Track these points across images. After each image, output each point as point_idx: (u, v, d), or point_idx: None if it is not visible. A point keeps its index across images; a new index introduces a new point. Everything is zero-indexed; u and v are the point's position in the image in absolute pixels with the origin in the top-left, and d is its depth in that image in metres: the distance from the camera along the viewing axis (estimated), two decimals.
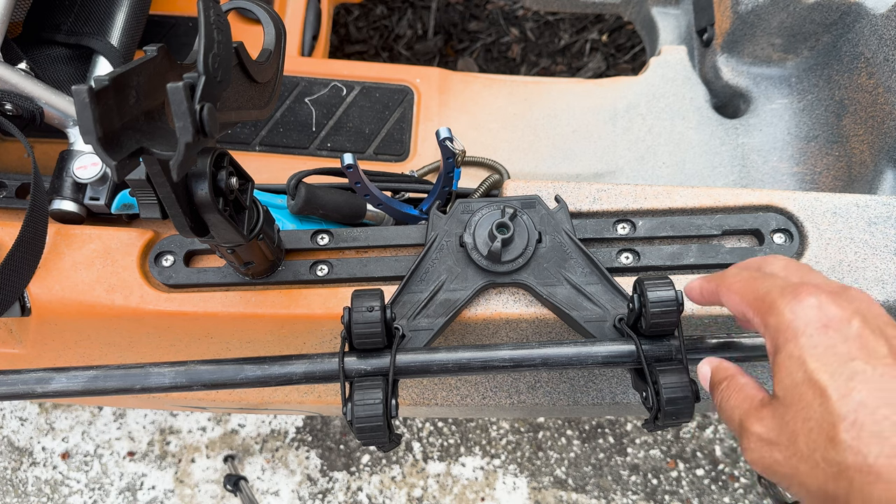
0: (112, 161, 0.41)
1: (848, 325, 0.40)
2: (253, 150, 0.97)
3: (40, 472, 1.64)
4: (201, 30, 0.45)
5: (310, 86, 1.02)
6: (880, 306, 0.43)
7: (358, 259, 0.73)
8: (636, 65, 1.93)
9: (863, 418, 0.36)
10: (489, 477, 1.65)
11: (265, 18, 0.62)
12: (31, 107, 0.77)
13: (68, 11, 0.87)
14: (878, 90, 0.93)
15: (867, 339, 0.39)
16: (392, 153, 0.98)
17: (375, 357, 0.59)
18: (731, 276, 0.49)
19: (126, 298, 0.71)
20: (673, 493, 1.64)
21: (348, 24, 1.99)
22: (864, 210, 0.73)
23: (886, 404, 0.36)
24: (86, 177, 0.78)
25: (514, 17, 2.01)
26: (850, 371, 0.38)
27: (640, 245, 0.74)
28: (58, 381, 0.56)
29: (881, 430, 0.35)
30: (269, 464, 1.66)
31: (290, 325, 0.73)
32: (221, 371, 0.57)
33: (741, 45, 1.08)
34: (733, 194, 0.75)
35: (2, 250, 0.71)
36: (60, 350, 0.79)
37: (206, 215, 0.53)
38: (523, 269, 0.69)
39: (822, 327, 0.40)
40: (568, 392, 0.83)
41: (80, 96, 0.38)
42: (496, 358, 0.59)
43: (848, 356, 0.39)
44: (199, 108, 0.43)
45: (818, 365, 0.39)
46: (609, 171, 1.02)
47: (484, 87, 1.06)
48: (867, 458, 0.35)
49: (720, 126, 1.07)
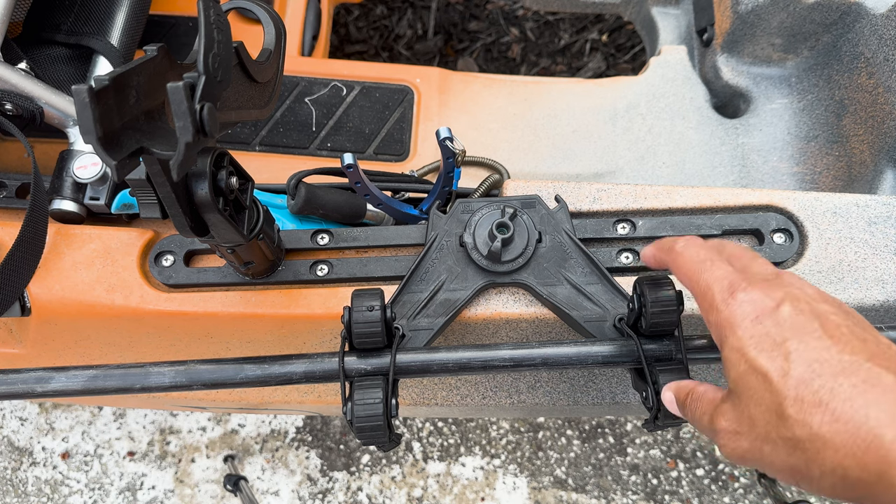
0: (112, 161, 0.41)
1: (779, 311, 0.43)
2: (253, 150, 0.97)
3: (40, 472, 1.64)
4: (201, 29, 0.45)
5: (310, 86, 1.02)
6: (812, 286, 0.46)
7: (358, 259, 0.73)
8: (636, 65, 1.93)
9: (803, 392, 0.39)
10: (489, 477, 1.65)
11: (265, 18, 0.62)
12: (31, 107, 0.77)
13: (68, 11, 0.87)
14: (878, 90, 0.93)
15: (798, 320, 0.42)
16: (392, 153, 0.98)
17: (375, 357, 0.59)
18: (680, 256, 0.52)
19: (126, 298, 0.71)
20: (673, 493, 1.64)
21: (348, 24, 1.99)
22: (864, 210, 0.73)
23: (821, 374, 0.39)
24: (86, 176, 0.78)
25: (514, 17, 2.01)
26: (785, 351, 0.41)
27: (640, 245, 0.74)
28: (57, 380, 0.56)
29: (820, 399, 0.38)
30: (269, 464, 1.66)
31: (290, 325, 0.73)
32: (221, 371, 0.57)
33: (741, 45, 1.08)
34: (733, 194, 0.75)
35: (2, 250, 0.71)
36: (60, 350, 0.79)
37: (206, 215, 0.53)
38: (523, 269, 0.69)
39: (756, 318, 0.43)
40: (568, 392, 0.83)
41: (80, 96, 0.38)
42: (496, 358, 0.59)
43: (782, 338, 0.41)
44: (199, 107, 0.43)
45: (756, 352, 0.42)
46: (609, 171, 1.02)
47: (484, 87, 1.06)
48: (812, 428, 0.38)
49: (720, 126, 1.07)
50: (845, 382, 0.38)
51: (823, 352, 0.40)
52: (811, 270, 0.71)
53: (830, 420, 0.37)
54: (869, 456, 0.35)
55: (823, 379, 0.38)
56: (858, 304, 0.70)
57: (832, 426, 0.37)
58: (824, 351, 0.40)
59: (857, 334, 0.41)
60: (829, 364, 0.39)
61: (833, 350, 0.40)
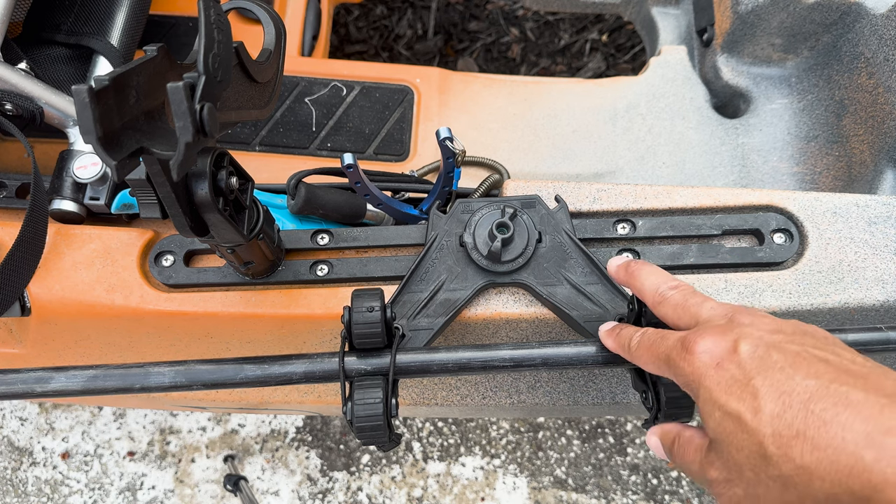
0: (112, 161, 0.41)
1: (737, 353, 0.43)
2: (253, 150, 0.97)
3: (40, 471, 1.64)
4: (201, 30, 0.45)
5: (310, 86, 1.02)
6: (764, 316, 0.46)
7: (358, 259, 0.73)
8: (636, 65, 1.93)
9: (778, 426, 0.38)
10: (489, 477, 1.65)
11: (265, 18, 0.62)
12: (31, 107, 0.77)
13: (68, 11, 0.87)
14: (878, 90, 0.93)
15: (757, 356, 0.42)
16: (392, 153, 0.98)
17: (375, 357, 0.59)
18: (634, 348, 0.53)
19: (126, 298, 0.71)
20: (673, 493, 1.64)
21: (348, 24, 1.99)
22: (864, 210, 0.73)
23: (791, 405, 0.38)
24: (86, 176, 0.78)
25: (514, 17, 2.01)
26: (752, 390, 0.41)
27: (640, 245, 0.74)
28: (57, 380, 0.56)
29: (796, 430, 0.37)
30: (269, 464, 1.66)
31: (290, 325, 0.73)
32: (221, 371, 0.57)
33: (741, 45, 1.08)
34: (733, 194, 0.75)
35: (2, 250, 0.71)
36: (60, 350, 0.79)
37: (206, 215, 0.53)
38: (523, 269, 0.69)
39: (717, 366, 0.43)
40: (568, 392, 0.83)
41: (80, 96, 0.38)
42: (496, 358, 0.59)
43: (746, 378, 0.41)
44: (199, 107, 0.43)
45: (726, 397, 0.42)
46: (609, 171, 1.02)
47: (484, 87, 1.06)
48: (796, 461, 0.37)
49: (720, 126, 1.07)
50: (816, 408, 0.37)
51: (789, 382, 0.40)
52: (811, 270, 0.71)
53: (811, 449, 0.36)
54: (854, 480, 0.35)
55: (795, 409, 0.38)
56: (859, 304, 0.70)
57: (814, 455, 0.36)
58: (789, 381, 0.40)
59: (818, 356, 0.41)
60: (797, 393, 0.39)
61: (797, 378, 0.40)
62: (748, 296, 0.70)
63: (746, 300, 0.70)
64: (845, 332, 0.56)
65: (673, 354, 0.47)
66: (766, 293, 0.70)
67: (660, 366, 0.49)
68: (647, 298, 0.55)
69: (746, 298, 0.70)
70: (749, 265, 0.73)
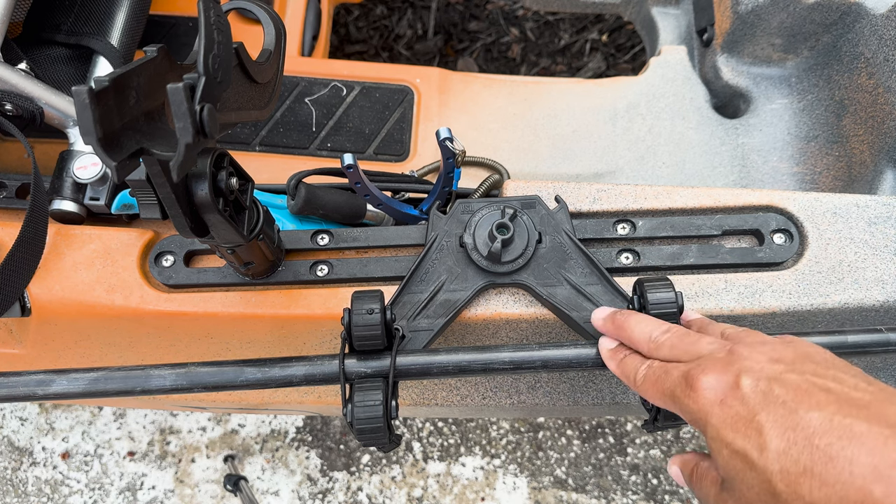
0: (112, 162, 0.41)
1: (739, 388, 0.43)
2: (253, 150, 0.97)
3: (40, 472, 1.64)
4: (201, 30, 0.45)
5: (310, 86, 1.02)
6: (765, 345, 0.47)
7: (358, 259, 0.73)
8: (636, 65, 1.93)
9: (785, 463, 0.38)
10: (489, 477, 1.65)
11: (265, 18, 0.62)
12: (31, 107, 0.77)
13: (68, 11, 0.87)
14: (878, 90, 0.93)
15: (759, 390, 0.42)
16: (392, 153, 0.98)
17: (375, 359, 0.59)
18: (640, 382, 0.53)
19: (126, 299, 0.71)
20: (673, 493, 1.64)
21: (348, 24, 1.99)
22: (864, 210, 0.73)
23: (797, 442, 0.38)
24: (86, 177, 0.77)
25: (514, 17, 2.01)
26: (757, 427, 0.41)
27: (640, 245, 0.74)
28: (58, 383, 0.56)
29: (803, 467, 0.37)
30: (269, 464, 1.66)
31: (290, 326, 0.73)
32: (222, 373, 0.57)
33: (741, 45, 1.08)
34: (733, 194, 0.75)
35: (2, 250, 0.71)
36: (60, 350, 0.79)
37: (206, 216, 0.53)
38: (523, 270, 0.69)
39: (720, 403, 0.43)
40: (568, 392, 0.83)
41: (80, 97, 0.38)
42: (496, 360, 0.59)
43: (751, 414, 0.41)
44: (199, 108, 0.43)
45: (732, 435, 0.42)
46: (609, 171, 1.02)
47: (484, 87, 1.06)
48: (805, 498, 0.37)
49: (720, 126, 1.07)
50: (821, 444, 0.37)
51: (792, 417, 0.40)
52: (811, 271, 0.71)
53: (819, 485, 0.36)
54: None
55: (800, 446, 0.38)
56: (858, 304, 0.70)
57: (822, 491, 0.36)
58: (793, 416, 0.40)
59: (819, 385, 0.41)
60: (801, 429, 0.39)
61: (801, 412, 0.40)
62: (748, 296, 0.70)
63: (746, 300, 0.70)
64: (844, 333, 0.56)
65: (678, 392, 0.47)
66: (766, 293, 0.70)
67: (666, 402, 0.49)
68: (642, 347, 0.54)
69: (746, 299, 0.70)
70: (749, 265, 0.73)
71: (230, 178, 0.54)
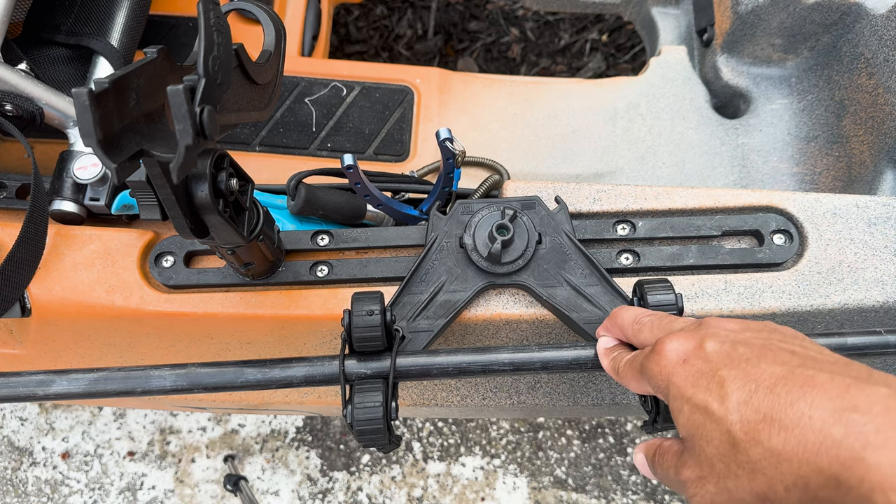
0: (112, 163, 0.41)
1: (703, 348, 0.44)
2: (253, 151, 0.97)
3: (40, 472, 1.64)
4: (201, 32, 0.45)
5: (310, 86, 1.02)
6: (733, 321, 0.47)
7: (358, 260, 0.73)
8: (636, 65, 1.93)
9: (745, 412, 0.38)
10: (489, 477, 1.65)
11: (265, 19, 0.62)
12: (31, 107, 0.77)
13: (68, 12, 0.87)
14: (878, 90, 0.93)
15: (723, 350, 0.43)
16: (392, 153, 0.98)
17: (375, 360, 0.59)
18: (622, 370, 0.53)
19: (126, 299, 0.71)
20: (673, 493, 1.64)
21: (348, 24, 1.99)
22: (864, 210, 0.73)
23: (757, 390, 0.39)
24: (86, 177, 0.77)
25: (514, 17, 2.01)
26: (719, 380, 0.41)
27: (639, 246, 0.74)
28: (59, 383, 0.56)
29: (763, 414, 0.37)
30: (269, 464, 1.66)
31: (290, 326, 0.73)
32: (222, 374, 0.58)
33: (741, 45, 1.08)
34: (733, 195, 0.75)
35: (2, 251, 0.71)
36: (61, 351, 0.79)
37: (206, 217, 0.53)
38: (523, 271, 0.69)
39: (684, 361, 0.44)
40: (568, 392, 0.83)
41: (80, 99, 0.38)
42: (496, 361, 0.59)
43: (712, 370, 0.42)
44: (199, 110, 0.43)
45: (693, 390, 0.42)
46: (609, 172, 1.02)
47: (484, 87, 1.06)
48: (764, 444, 0.37)
49: (720, 126, 1.07)
50: (782, 391, 0.37)
51: (754, 369, 0.40)
52: (811, 271, 0.71)
53: (778, 430, 0.36)
54: (822, 458, 0.34)
55: (761, 394, 0.38)
56: (858, 304, 0.70)
57: (781, 436, 0.36)
58: (755, 369, 0.40)
59: (784, 347, 0.42)
60: (763, 379, 0.39)
61: (763, 365, 0.40)
62: (748, 297, 0.70)
63: (746, 301, 0.70)
64: (844, 335, 0.56)
65: (646, 363, 0.47)
66: (766, 294, 0.70)
67: (638, 378, 0.49)
68: (627, 331, 0.55)
69: (746, 299, 0.70)
70: (749, 266, 0.73)
71: (230, 178, 0.54)
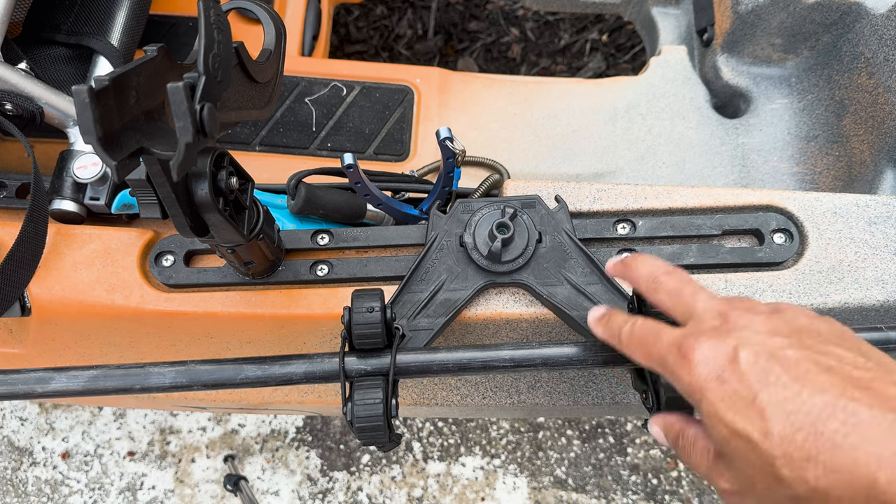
0: (112, 161, 0.41)
1: (737, 363, 0.42)
2: (253, 150, 0.97)
3: (40, 472, 1.64)
4: (201, 30, 0.45)
5: (310, 86, 1.02)
6: (761, 314, 0.45)
7: (358, 259, 0.73)
8: (636, 65, 1.93)
9: (789, 449, 0.38)
10: (489, 477, 1.65)
11: (265, 18, 0.62)
12: (31, 107, 0.77)
13: (68, 11, 0.87)
14: (878, 90, 0.93)
15: (758, 367, 0.41)
16: (392, 153, 0.98)
17: (375, 357, 0.59)
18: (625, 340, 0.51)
19: (126, 298, 0.71)
20: (673, 493, 1.64)
21: (348, 24, 1.99)
22: (864, 210, 0.73)
23: (801, 427, 0.38)
24: (86, 177, 0.78)
25: (514, 17, 2.01)
26: (758, 409, 0.40)
27: (640, 245, 0.74)
28: (58, 380, 0.56)
29: (808, 453, 0.37)
30: (269, 464, 1.66)
31: (290, 325, 0.73)
32: (221, 371, 0.57)
33: (741, 45, 1.08)
34: (733, 194, 0.75)
35: (2, 250, 0.71)
36: (60, 350, 0.79)
37: (206, 215, 0.53)
38: (523, 269, 0.69)
39: (718, 377, 0.42)
40: (568, 392, 0.83)
41: (80, 97, 0.38)
42: (496, 358, 0.59)
43: (751, 394, 0.41)
44: (199, 108, 0.43)
45: (732, 415, 0.41)
46: (609, 171, 1.02)
47: (484, 87, 1.06)
48: (810, 483, 0.37)
49: (720, 126, 1.07)
50: (826, 430, 0.37)
51: (795, 400, 0.39)
52: (811, 270, 0.71)
53: (824, 472, 0.37)
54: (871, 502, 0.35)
55: (805, 431, 0.38)
56: (859, 304, 0.70)
57: (828, 478, 0.36)
58: (796, 398, 0.39)
59: (822, 364, 0.41)
60: (804, 413, 0.38)
61: (804, 394, 0.39)
62: (748, 296, 0.70)
63: None
64: None
65: (669, 360, 0.46)
66: (767, 293, 0.70)
67: (653, 366, 0.48)
68: (642, 286, 0.54)
69: None
70: (749, 265, 0.73)
71: (230, 177, 0.54)
